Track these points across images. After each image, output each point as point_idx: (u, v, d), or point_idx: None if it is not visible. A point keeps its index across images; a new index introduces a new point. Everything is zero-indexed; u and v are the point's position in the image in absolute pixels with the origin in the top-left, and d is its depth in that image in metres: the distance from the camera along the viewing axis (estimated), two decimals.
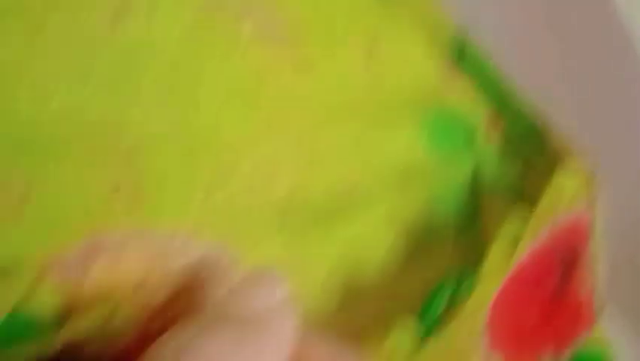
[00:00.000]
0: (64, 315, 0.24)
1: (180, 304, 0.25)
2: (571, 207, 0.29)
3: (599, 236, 0.31)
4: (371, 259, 0.29)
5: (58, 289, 0.24)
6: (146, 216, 0.26)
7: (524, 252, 0.28)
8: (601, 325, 0.32)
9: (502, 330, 0.28)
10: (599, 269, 0.31)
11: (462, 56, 0.32)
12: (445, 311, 0.28)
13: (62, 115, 0.26)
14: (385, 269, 0.29)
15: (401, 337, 0.27)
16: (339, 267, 0.29)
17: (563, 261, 0.29)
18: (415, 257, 0.30)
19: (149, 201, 0.27)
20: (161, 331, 0.20)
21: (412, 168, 0.30)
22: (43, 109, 0.26)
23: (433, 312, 0.28)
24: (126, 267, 0.25)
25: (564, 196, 0.29)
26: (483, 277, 0.28)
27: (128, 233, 0.26)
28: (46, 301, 0.24)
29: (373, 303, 0.29)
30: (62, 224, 0.25)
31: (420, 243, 0.30)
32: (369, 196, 0.30)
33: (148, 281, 0.25)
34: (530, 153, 0.31)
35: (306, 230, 0.28)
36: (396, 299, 0.29)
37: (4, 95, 0.26)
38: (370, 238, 0.29)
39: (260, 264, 0.25)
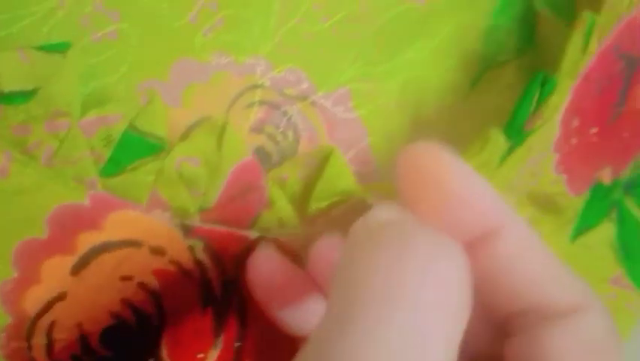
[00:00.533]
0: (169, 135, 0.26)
1: None
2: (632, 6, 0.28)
3: None
4: (437, 83, 0.29)
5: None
6: (226, 47, 0.27)
7: (595, 49, 0.27)
8: None
9: (569, 149, 0.28)
10: None
11: None
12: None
13: None
14: (454, 90, 0.29)
15: (490, 149, 0.26)
16: (408, 90, 0.29)
17: (628, 64, 0.28)
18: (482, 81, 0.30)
19: (229, 32, 0.28)
20: None
21: None
22: None
23: (518, 121, 0.27)
24: (217, 89, 0.27)
25: None
26: (561, 76, 0.27)
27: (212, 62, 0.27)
28: (153, 122, 0.25)
29: (444, 125, 0.29)
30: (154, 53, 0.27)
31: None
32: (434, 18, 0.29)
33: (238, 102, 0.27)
34: None
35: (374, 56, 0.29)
36: (471, 118, 0.29)
37: None
38: (432, 62, 0.29)
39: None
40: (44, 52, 0.26)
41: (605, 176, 0.30)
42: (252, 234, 0.24)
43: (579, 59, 0.27)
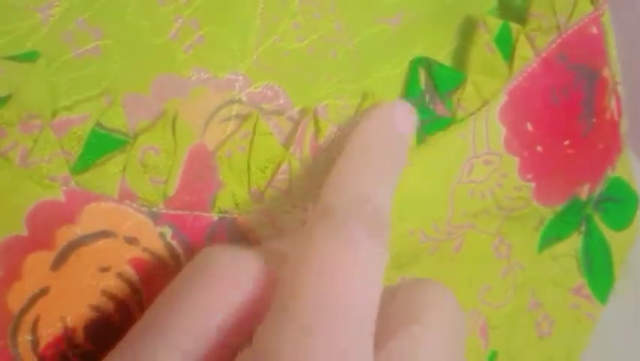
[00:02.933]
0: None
1: None
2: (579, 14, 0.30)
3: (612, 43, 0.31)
4: None
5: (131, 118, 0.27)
6: (206, 63, 0.28)
7: (530, 55, 0.29)
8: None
9: (536, 156, 0.29)
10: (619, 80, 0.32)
11: None
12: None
13: None
14: None
15: None
16: None
17: (584, 76, 0.30)
18: None
19: (209, 49, 0.29)
20: None
21: None
22: None
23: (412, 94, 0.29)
24: (197, 103, 0.28)
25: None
26: (469, 72, 0.29)
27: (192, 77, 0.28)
28: (117, 120, 0.26)
29: None
30: (135, 68, 0.28)
31: None
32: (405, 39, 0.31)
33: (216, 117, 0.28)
34: None
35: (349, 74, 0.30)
36: None
37: None
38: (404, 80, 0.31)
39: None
40: (16, 61, 0.27)
41: (583, 192, 0.31)
42: (214, 216, 0.25)
43: (492, 60, 0.29)
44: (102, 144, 0.26)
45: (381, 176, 0.25)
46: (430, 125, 0.28)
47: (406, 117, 0.27)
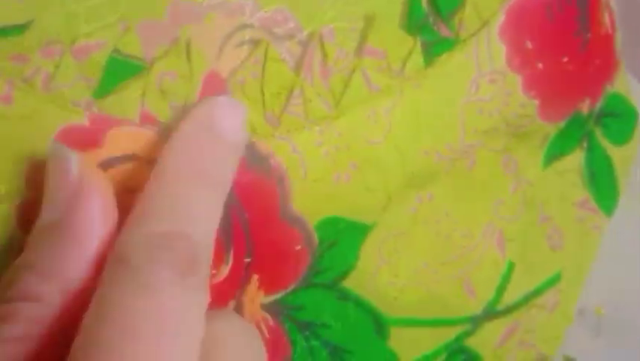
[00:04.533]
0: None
1: None
2: None
3: None
4: None
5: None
6: None
7: None
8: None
9: (537, 73, 0.30)
10: None
11: None
12: None
13: None
14: None
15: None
16: None
17: None
18: None
19: None
20: None
21: None
22: None
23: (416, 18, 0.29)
24: (210, 29, 0.28)
25: None
26: None
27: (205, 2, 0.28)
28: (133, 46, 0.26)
29: None
30: None
31: None
32: None
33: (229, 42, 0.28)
34: None
35: None
36: None
37: None
38: None
39: None
40: None
41: (584, 107, 0.32)
42: None
43: None
44: (120, 70, 0.26)
45: (197, 204, 0.22)
46: (436, 46, 0.29)
47: (231, 118, 0.25)
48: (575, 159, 0.33)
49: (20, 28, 0.26)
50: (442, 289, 0.26)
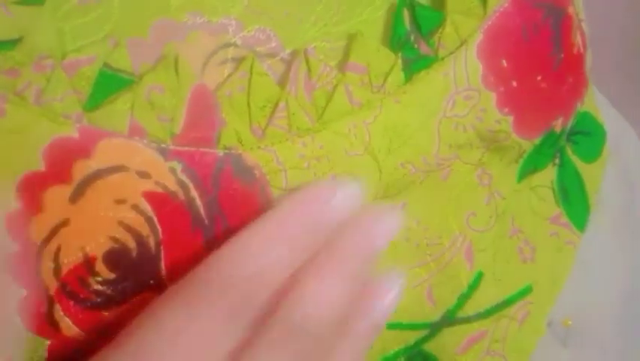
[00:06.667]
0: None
1: None
2: None
3: None
4: None
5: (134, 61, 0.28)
6: (199, 7, 0.29)
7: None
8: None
9: (511, 91, 0.31)
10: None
11: None
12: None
13: None
14: None
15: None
16: None
17: (551, 13, 0.32)
18: None
19: None
20: None
21: None
22: None
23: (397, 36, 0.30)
24: (193, 47, 0.29)
25: None
26: (448, 12, 0.31)
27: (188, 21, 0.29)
28: (123, 60, 0.28)
29: None
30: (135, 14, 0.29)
31: None
32: None
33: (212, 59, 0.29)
34: None
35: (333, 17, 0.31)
36: None
37: None
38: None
39: None
40: (24, 5, 0.28)
41: (557, 125, 0.33)
42: (219, 152, 0.27)
43: (468, 0, 0.31)
44: (110, 84, 0.27)
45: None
46: (416, 63, 0.30)
47: (385, 229, 0.27)
48: (548, 175, 0.35)
49: (12, 43, 0.26)
50: (405, 294, 0.27)
